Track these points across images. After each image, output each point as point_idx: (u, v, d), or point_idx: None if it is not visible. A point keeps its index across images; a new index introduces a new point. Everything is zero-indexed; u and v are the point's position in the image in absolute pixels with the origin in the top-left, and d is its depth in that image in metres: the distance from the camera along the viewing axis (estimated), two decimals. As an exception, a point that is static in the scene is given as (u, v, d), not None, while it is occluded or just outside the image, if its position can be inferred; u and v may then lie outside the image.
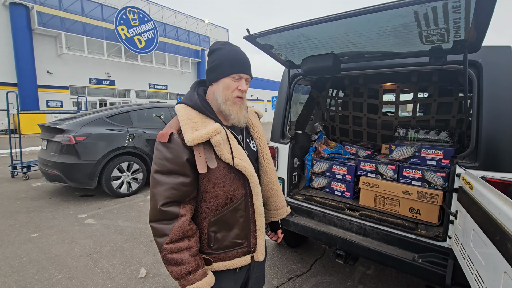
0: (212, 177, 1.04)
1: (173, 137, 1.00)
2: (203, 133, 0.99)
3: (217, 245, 1.09)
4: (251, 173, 1.09)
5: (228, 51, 1.08)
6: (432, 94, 2.78)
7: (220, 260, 1.11)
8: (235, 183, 1.08)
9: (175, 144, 1.00)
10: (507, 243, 0.91)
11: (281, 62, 2.22)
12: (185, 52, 23.60)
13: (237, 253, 1.13)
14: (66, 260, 2.79)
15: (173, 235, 0.98)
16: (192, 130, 1.00)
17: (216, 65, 1.07)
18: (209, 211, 1.07)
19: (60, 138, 4.30)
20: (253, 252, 1.17)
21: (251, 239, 1.15)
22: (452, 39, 1.48)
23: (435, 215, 1.93)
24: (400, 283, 2.46)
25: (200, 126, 1.02)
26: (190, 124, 1.01)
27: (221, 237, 1.09)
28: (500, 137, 1.55)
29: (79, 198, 4.74)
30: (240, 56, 1.09)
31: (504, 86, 1.57)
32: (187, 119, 1.02)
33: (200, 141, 0.98)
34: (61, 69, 17.04)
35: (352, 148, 2.88)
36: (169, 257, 0.98)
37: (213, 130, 1.00)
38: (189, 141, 0.97)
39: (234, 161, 1.05)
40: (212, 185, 1.05)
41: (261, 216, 1.16)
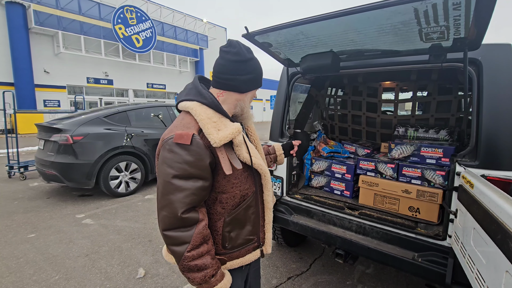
0: (232, 177, 1.03)
1: (195, 138, 0.94)
2: (228, 133, 0.97)
3: (231, 244, 1.09)
4: (266, 171, 1.12)
5: (258, 63, 1.11)
6: (431, 92, 2.77)
7: (233, 258, 1.11)
8: (248, 181, 1.09)
9: (197, 146, 0.94)
10: (508, 242, 0.90)
11: (280, 60, 2.21)
12: (183, 51, 23.53)
13: (248, 249, 1.14)
14: (64, 261, 2.76)
15: (194, 242, 0.94)
16: (216, 130, 0.96)
17: (253, 78, 1.08)
18: (224, 211, 1.06)
19: (58, 138, 4.26)
20: (262, 246, 1.20)
21: (260, 233, 1.18)
22: (452, 37, 1.47)
23: (435, 214, 1.92)
24: (399, 282, 2.46)
25: (221, 126, 0.99)
26: (211, 124, 0.97)
27: (235, 236, 1.09)
28: (500, 136, 1.55)
29: (76, 198, 4.72)
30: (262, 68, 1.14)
31: (504, 84, 1.56)
32: (207, 118, 0.98)
33: (225, 141, 0.96)
34: (58, 68, 16.94)
35: (351, 147, 2.87)
36: (191, 264, 0.94)
37: (237, 129, 0.99)
38: (216, 142, 0.94)
39: (252, 160, 1.06)
40: (231, 186, 1.04)
41: (270, 211, 1.19)
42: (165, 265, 2.68)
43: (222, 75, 1.06)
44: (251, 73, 1.06)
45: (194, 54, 24.41)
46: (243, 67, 1.04)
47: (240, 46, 1.05)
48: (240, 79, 1.05)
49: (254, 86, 1.10)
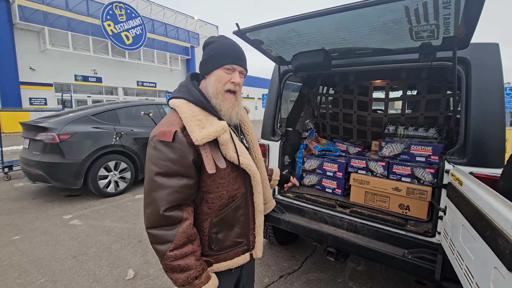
0: (217, 177, 1.00)
1: (177, 135, 0.93)
2: (212, 131, 0.94)
3: (219, 246, 1.06)
4: (255, 171, 1.08)
5: (222, 43, 1.04)
6: (420, 91, 2.81)
7: (221, 260, 1.08)
8: (237, 181, 1.06)
9: (180, 143, 0.93)
10: (497, 238, 0.91)
11: (272, 58, 2.19)
12: (174, 49, 23.23)
13: (237, 252, 1.11)
14: (50, 263, 2.69)
15: (177, 241, 0.92)
16: (199, 128, 0.94)
17: (209, 57, 1.03)
18: (211, 212, 1.04)
19: (43, 137, 4.14)
20: (252, 249, 1.16)
21: (250, 236, 1.14)
22: (442, 35, 1.48)
23: (424, 211, 1.95)
24: (390, 279, 2.48)
25: (205, 124, 0.97)
26: (195, 122, 0.95)
27: (222, 237, 1.06)
28: (488, 133, 1.57)
29: (64, 198, 4.60)
30: (235, 48, 1.05)
31: (491, 82, 1.59)
32: (191, 116, 0.96)
33: (209, 139, 0.94)
34: (44, 65, 16.46)
35: (343, 145, 2.88)
36: (174, 264, 0.93)
37: (221, 128, 0.96)
38: (198, 139, 0.92)
39: (239, 160, 1.02)
40: (217, 186, 1.01)
41: (261, 214, 1.15)
42: (156, 266, 2.64)
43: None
44: (207, 53, 1.04)
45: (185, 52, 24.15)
46: (204, 52, 1.07)
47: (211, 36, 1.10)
48: (200, 62, 1.06)
49: (211, 65, 1.03)
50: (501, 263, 0.87)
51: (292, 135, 2.70)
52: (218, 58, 1.02)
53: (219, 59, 1.02)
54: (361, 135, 3.30)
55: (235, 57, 1.03)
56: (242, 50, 1.07)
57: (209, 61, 1.03)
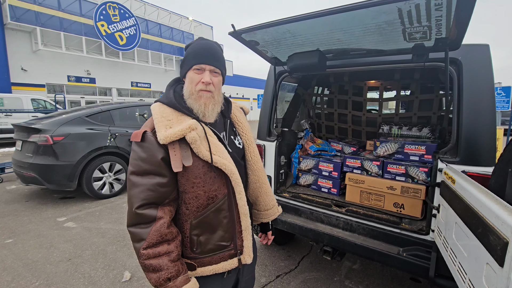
0: (191, 176, 0.99)
1: (146, 135, 0.97)
2: (177, 130, 0.94)
3: (200, 248, 1.04)
4: (231, 171, 1.03)
5: (195, 44, 1.06)
6: (414, 91, 2.85)
7: (205, 264, 1.05)
8: (216, 182, 1.03)
9: (149, 143, 0.96)
10: (489, 235, 0.94)
11: (267, 59, 2.20)
12: (169, 49, 23.11)
13: (223, 256, 1.07)
14: (44, 266, 2.65)
15: (150, 239, 0.92)
16: (165, 128, 0.96)
17: (183, 61, 1.07)
18: (189, 213, 1.02)
19: (36, 138, 4.08)
20: (240, 254, 1.11)
21: (237, 240, 1.09)
22: (434, 37, 1.51)
23: (418, 209, 1.98)
24: (385, 277, 2.51)
25: (174, 124, 0.98)
26: (164, 122, 0.97)
27: (205, 240, 1.04)
28: (479, 133, 1.61)
29: (58, 200, 4.54)
30: (204, 47, 1.03)
31: (482, 83, 1.62)
32: (161, 117, 0.99)
33: (173, 138, 0.94)
34: (37, 66, 16.22)
35: (338, 145, 2.91)
36: (146, 263, 0.93)
37: (187, 126, 0.95)
38: (162, 139, 0.93)
39: (212, 158, 0.99)
40: (191, 185, 1.00)
41: (246, 216, 1.10)
42: (152, 267, 2.63)
43: None
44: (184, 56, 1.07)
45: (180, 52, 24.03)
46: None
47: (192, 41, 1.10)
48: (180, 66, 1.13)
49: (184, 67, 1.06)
50: (493, 259, 0.89)
51: (288, 135, 2.72)
52: (188, 60, 1.04)
53: (189, 61, 1.04)
54: (356, 135, 3.33)
55: (203, 57, 1.02)
56: (214, 49, 1.05)
57: (183, 64, 1.07)
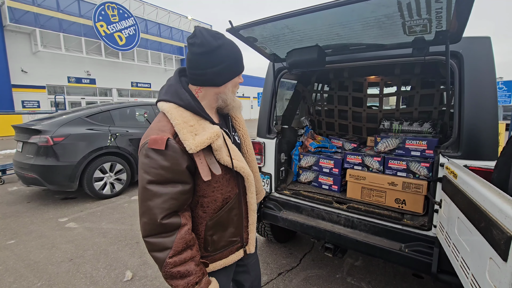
0: (212, 181, 0.99)
1: (170, 143, 0.89)
2: (205, 138, 0.92)
3: (214, 247, 1.07)
4: (248, 173, 1.08)
5: (230, 47, 0.99)
6: (414, 86, 2.82)
7: (216, 260, 1.09)
8: (230, 183, 1.05)
9: (173, 151, 0.89)
10: (492, 229, 0.92)
11: (266, 55, 2.18)
12: (168, 49, 23.09)
13: (231, 250, 1.13)
14: (46, 267, 2.66)
15: (176, 247, 0.90)
16: (192, 135, 0.91)
17: (227, 67, 0.98)
18: (206, 215, 1.03)
19: (37, 140, 4.08)
20: (246, 245, 1.18)
21: (244, 234, 1.16)
22: (434, 30, 1.49)
23: (420, 205, 1.96)
24: (387, 273, 2.50)
25: (198, 130, 0.94)
26: (188, 128, 0.92)
27: (218, 239, 1.07)
28: (481, 126, 1.59)
29: (59, 201, 4.55)
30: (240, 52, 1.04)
31: (484, 76, 1.60)
32: (183, 122, 0.92)
33: (203, 147, 0.91)
34: (37, 67, 16.24)
35: (338, 141, 2.89)
36: (173, 271, 0.91)
37: (214, 134, 0.94)
38: (192, 148, 0.89)
39: (233, 164, 1.01)
40: (212, 190, 1.00)
41: (254, 212, 1.17)
42: (154, 267, 2.63)
43: (193, 71, 0.99)
44: (222, 62, 0.97)
45: (179, 51, 24.02)
46: (211, 58, 0.95)
47: (204, 34, 0.94)
48: (211, 72, 0.97)
49: (230, 74, 1.01)
50: (496, 254, 0.88)
51: (288, 132, 2.70)
52: (236, 67, 1.02)
53: (236, 68, 1.02)
54: (357, 131, 3.31)
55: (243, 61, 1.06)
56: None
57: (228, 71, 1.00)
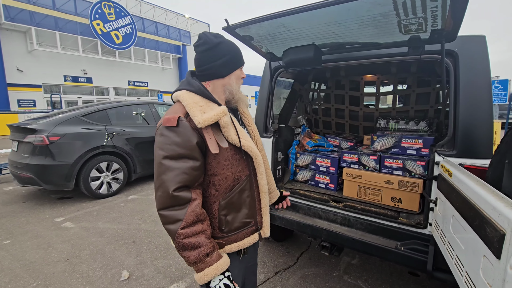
0: (221, 158, 1.07)
1: (181, 120, 1.01)
2: (213, 115, 1.02)
3: (228, 227, 1.13)
4: (256, 153, 1.15)
5: (230, 43, 1.14)
6: (411, 85, 2.83)
7: (231, 242, 1.14)
8: (240, 164, 1.13)
9: (184, 127, 1.01)
10: (485, 227, 0.93)
11: (262, 54, 2.18)
12: (166, 47, 22.99)
13: (246, 232, 1.18)
14: (42, 267, 2.64)
15: (187, 219, 0.98)
16: (201, 113, 1.02)
17: (229, 60, 1.12)
18: (218, 194, 1.10)
19: (32, 139, 4.05)
20: (260, 229, 1.24)
21: (257, 217, 1.22)
22: (430, 28, 1.49)
23: (416, 203, 1.97)
24: (384, 271, 2.51)
25: (207, 109, 1.04)
26: (197, 108, 1.03)
27: (231, 219, 1.13)
28: (476, 125, 1.60)
29: (55, 201, 4.52)
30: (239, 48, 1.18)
31: (479, 74, 1.61)
32: (193, 103, 1.04)
33: (210, 122, 1.01)
34: (32, 66, 16.11)
35: (335, 140, 2.90)
36: (185, 242, 0.97)
37: (221, 111, 1.04)
38: (200, 122, 0.99)
39: (241, 142, 1.09)
40: (222, 167, 1.08)
41: (266, 194, 1.22)
42: (150, 266, 2.62)
43: (200, 68, 1.13)
44: (225, 55, 1.11)
45: (176, 50, 23.92)
46: (214, 53, 1.10)
47: (206, 35, 1.11)
48: (216, 64, 1.11)
49: (233, 66, 1.14)
50: (490, 251, 0.88)
51: (285, 131, 2.70)
52: (237, 59, 1.15)
53: (237, 60, 1.15)
54: (353, 130, 3.32)
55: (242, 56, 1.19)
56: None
57: (230, 63, 1.13)
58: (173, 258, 2.77)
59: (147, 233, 3.32)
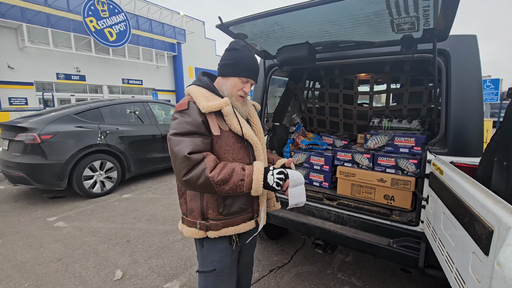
0: (223, 143, 1.19)
1: (190, 104, 1.17)
2: (216, 103, 1.16)
3: (226, 210, 1.22)
4: (257, 142, 1.26)
5: (246, 55, 1.24)
6: (404, 84, 2.86)
7: (228, 225, 1.24)
8: (241, 152, 1.23)
9: (193, 109, 1.16)
10: (475, 224, 0.94)
11: (256, 52, 2.17)
12: (160, 45, 22.75)
13: (243, 218, 1.28)
14: (34, 267, 2.61)
15: (209, 165, 1.09)
16: (206, 100, 1.16)
17: (232, 64, 1.23)
18: None
19: (23, 137, 3.99)
20: (257, 216, 1.33)
21: (254, 204, 1.31)
22: (422, 28, 1.50)
23: (408, 201, 1.99)
24: (377, 268, 2.54)
25: (211, 99, 1.18)
26: (203, 97, 1.18)
27: (230, 203, 1.23)
28: (467, 124, 1.62)
29: (47, 200, 4.46)
30: (255, 64, 1.27)
31: (470, 73, 1.63)
32: (200, 93, 1.19)
33: (213, 109, 1.15)
34: (24, 63, 15.80)
35: (329, 138, 2.91)
36: (220, 178, 1.08)
37: (224, 101, 1.17)
38: (204, 107, 1.13)
39: (242, 131, 1.20)
40: (223, 152, 1.19)
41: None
42: (144, 265, 2.61)
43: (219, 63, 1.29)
44: (231, 59, 1.23)
45: (171, 48, 23.70)
46: (228, 54, 1.25)
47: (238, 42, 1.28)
48: (221, 63, 1.26)
49: (233, 71, 1.23)
50: (478, 248, 0.90)
51: (279, 129, 2.71)
52: (239, 69, 1.23)
53: (240, 70, 1.23)
54: (347, 128, 3.33)
55: (253, 73, 1.26)
56: (258, 65, 1.29)
57: (231, 67, 1.24)
58: (167, 257, 2.76)
59: (141, 232, 3.30)
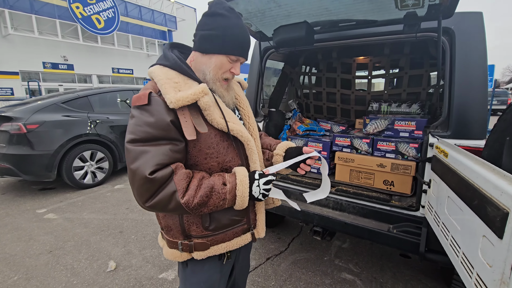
0: (203, 146, 0.89)
1: (152, 97, 0.84)
2: (189, 94, 0.83)
3: (214, 224, 0.96)
4: (247, 138, 0.96)
5: (234, 25, 0.91)
6: (403, 67, 2.79)
7: (218, 242, 0.98)
8: (229, 152, 0.95)
9: (157, 104, 0.83)
10: (486, 206, 0.89)
11: (252, 33, 2.06)
12: (150, 33, 22.11)
13: (236, 231, 1.01)
14: (23, 260, 2.52)
15: (181, 186, 0.82)
16: (174, 91, 0.84)
17: (216, 36, 0.89)
18: None
19: (8, 127, 3.82)
20: (254, 228, 1.06)
21: (250, 214, 1.04)
22: (427, 3, 1.42)
23: (408, 186, 1.96)
24: (374, 254, 2.54)
25: (183, 87, 0.86)
26: (171, 84, 0.85)
27: (218, 215, 0.96)
28: (471, 105, 1.56)
29: (37, 192, 4.33)
30: (246, 37, 0.94)
31: (475, 53, 1.56)
32: (166, 78, 0.86)
33: (185, 103, 0.83)
34: (7, 52, 15.18)
35: (327, 124, 2.85)
36: (196, 202, 0.83)
37: (200, 90, 0.85)
38: (173, 101, 0.81)
39: (228, 126, 0.90)
40: (204, 156, 0.91)
41: None
42: (138, 256, 2.55)
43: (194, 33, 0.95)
44: (215, 29, 0.89)
45: (162, 36, 23.08)
46: (207, 21, 0.90)
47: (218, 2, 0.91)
48: (201, 34, 0.91)
49: (217, 47, 0.90)
50: (491, 231, 0.85)
51: (275, 115, 2.63)
52: (227, 44, 0.90)
53: (227, 46, 0.90)
54: (345, 114, 3.27)
55: (244, 49, 0.95)
56: (249, 36, 0.96)
57: (215, 41, 0.90)
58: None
59: (135, 222, 3.23)
